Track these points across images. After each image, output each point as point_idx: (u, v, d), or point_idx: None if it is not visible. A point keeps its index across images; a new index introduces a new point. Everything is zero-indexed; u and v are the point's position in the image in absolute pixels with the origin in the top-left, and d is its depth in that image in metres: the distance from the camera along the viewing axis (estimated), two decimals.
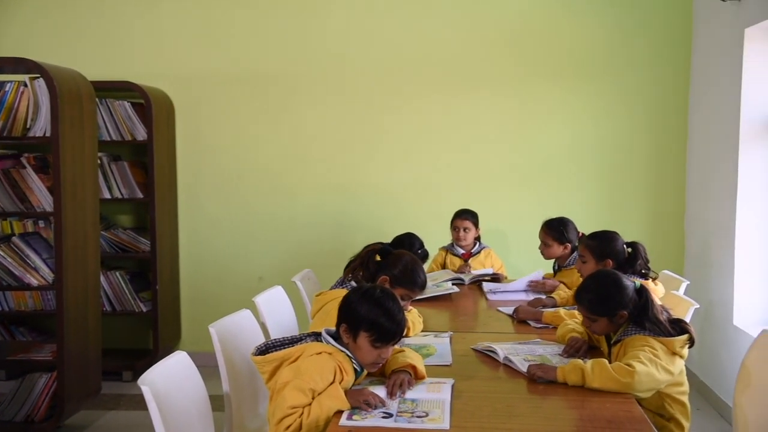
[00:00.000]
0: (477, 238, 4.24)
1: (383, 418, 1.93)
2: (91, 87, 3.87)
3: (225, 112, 4.89)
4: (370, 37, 4.79)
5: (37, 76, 3.59)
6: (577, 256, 3.28)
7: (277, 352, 2.09)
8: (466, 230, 4.16)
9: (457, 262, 4.16)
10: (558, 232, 3.69)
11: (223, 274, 4.96)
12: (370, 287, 2.19)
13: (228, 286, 4.92)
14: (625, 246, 3.08)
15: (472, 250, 4.21)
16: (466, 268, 4.06)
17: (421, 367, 2.18)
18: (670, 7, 4.63)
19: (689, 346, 2.28)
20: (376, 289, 2.17)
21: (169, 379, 2.09)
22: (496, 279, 3.90)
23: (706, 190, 4.38)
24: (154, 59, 4.88)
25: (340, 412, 1.95)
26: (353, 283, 2.75)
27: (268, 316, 3.02)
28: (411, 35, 4.76)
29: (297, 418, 1.93)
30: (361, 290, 2.17)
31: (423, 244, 3.79)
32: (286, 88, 4.84)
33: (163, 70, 4.87)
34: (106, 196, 4.59)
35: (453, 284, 3.72)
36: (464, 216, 4.19)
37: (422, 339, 2.74)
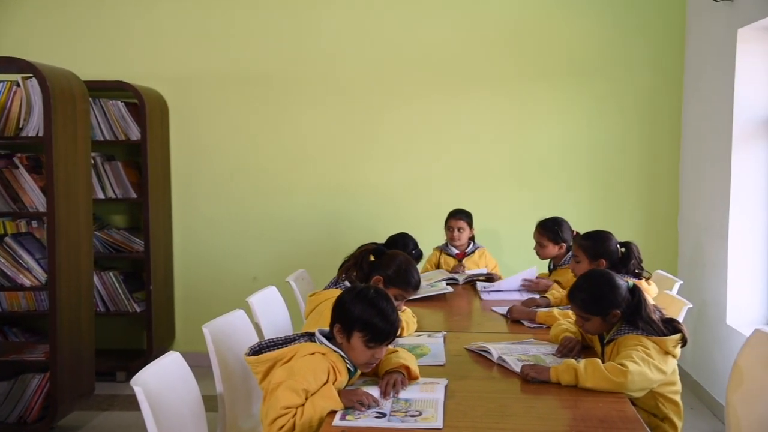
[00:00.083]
0: (471, 238, 4.24)
1: (377, 417, 1.93)
2: (84, 87, 3.86)
3: (219, 112, 4.88)
4: (365, 37, 4.79)
5: (30, 75, 3.58)
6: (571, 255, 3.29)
7: (270, 353, 2.09)
8: (460, 230, 4.17)
9: (452, 262, 4.16)
10: (553, 232, 3.69)
11: (217, 274, 4.95)
12: (364, 287, 2.19)
13: (222, 287, 4.91)
14: (618, 246, 3.09)
15: (467, 250, 4.21)
16: (461, 268, 4.06)
17: (415, 368, 2.18)
18: (664, 7, 4.64)
19: (682, 346, 2.29)
20: (370, 289, 2.17)
21: (162, 379, 2.09)
22: (490, 279, 3.91)
23: (699, 190, 4.40)
24: (148, 59, 4.87)
25: (334, 412, 1.95)
26: (347, 283, 2.75)
27: (262, 317, 3.01)
28: (407, 35, 4.76)
29: (290, 419, 1.93)
30: (355, 290, 2.17)
31: (417, 244, 3.79)
32: (282, 87, 4.84)
33: (157, 70, 4.85)
34: (99, 196, 4.57)
35: (447, 284, 3.73)
36: (458, 216, 4.19)
37: (416, 339, 2.74)
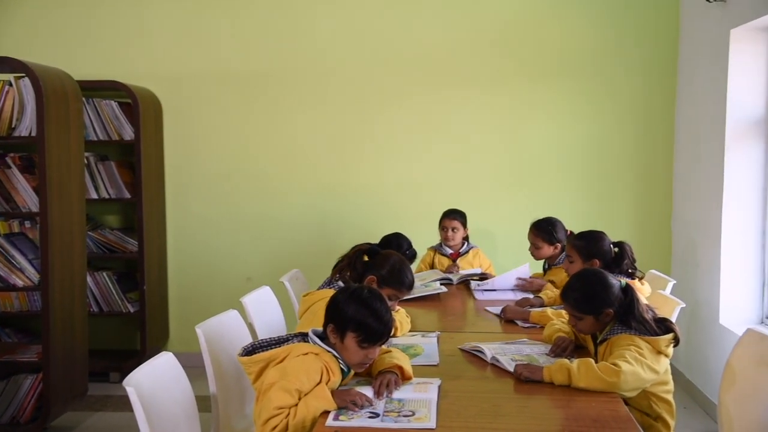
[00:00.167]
0: (465, 238, 4.25)
1: (370, 417, 1.93)
2: (77, 86, 3.85)
3: (213, 112, 4.87)
4: (359, 38, 4.78)
5: (23, 75, 3.57)
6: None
7: (263, 353, 2.09)
8: (454, 230, 4.17)
9: (446, 262, 4.17)
10: (547, 233, 3.70)
11: (211, 274, 4.94)
12: (358, 287, 2.19)
13: (216, 287, 4.90)
14: (611, 246, 3.10)
15: (461, 250, 4.21)
16: (455, 268, 4.07)
17: (408, 368, 2.18)
18: (658, 8, 4.65)
19: (674, 345, 2.30)
20: (364, 289, 2.17)
21: (155, 380, 2.08)
22: (484, 279, 3.91)
23: (692, 190, 4.41)
24: (142, 59, 4.85)
25: (327, 412, 1.95)
26: (341, 283, 2.76)
27: (256, 317, 3.01)
28: (399, 35, 4.76)
29: (283, 419, 1.93)
30: (349, 290, 2.17)
31: (411, 244, 3.79)
32: (275, 87, 4.83)
33: (151, 70, 4.84)
34: (93, 196, 4.56)
35: (441, 284, 3.73)
36: (452, 216, 4.20)
37: (410, 339, 2.74)
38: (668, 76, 4.68)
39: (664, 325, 2.32)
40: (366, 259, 2.85)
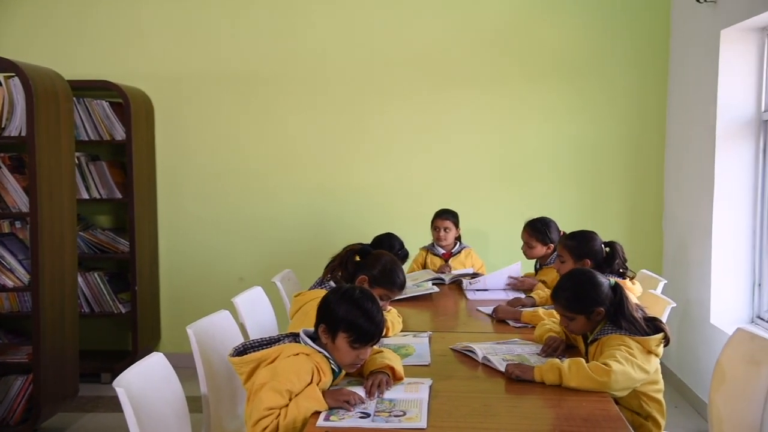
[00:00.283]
0: (457, 238, 4.25)
1: (361, 418, 1.92)
2: (67, 86, 3.83)
3: (205, 112, 4.86)
4: (353, 38, 4.78)
5: (12, 75, 3.55)
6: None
7: (254, 353, 2.08)
8: (446, 230, 4.17)
9: (438, 262, 4.17)
10: (542, 233, 3.70)
11: (203, 274, 4.93)
12: (349, 288, 2.19)
13: (208, 287, 4.88)
14: (603, 245, 3.10)
15: (453, 250, 4.21)
16: (447, 268, 4.07)
17: (400, 369, 2.18)
18: (649, 8, 4.67)
19: (664, 345, 2.31)
20: (355, 289, 2.17)
21: (146, 380, 2.07)
22: (475, 278, 3.91)
23: (683, 190, 4.43)
24: (133, 58, 4.84)
25: (318, 412, 1.95)
26: (332, 284, 2.75)
27: (247, 317, 3.01)
28: (394, 35, 4.76)
29: (274, 420, 1.93)
30: (340, 291, 2.16)
31: (403, 245, 3.79)
32: (268, 87, 4.82)
33: (142, 70, 4.83)
34: (84, 197, 4.54)
35: (433, 284, 3.73)
36: (445, 216, 4.20)
37: (401, 339, 2.74)
38: (659, 77, 4.70)
39: (653, 325, 2.33)
40: (357, 259, 2.85)
